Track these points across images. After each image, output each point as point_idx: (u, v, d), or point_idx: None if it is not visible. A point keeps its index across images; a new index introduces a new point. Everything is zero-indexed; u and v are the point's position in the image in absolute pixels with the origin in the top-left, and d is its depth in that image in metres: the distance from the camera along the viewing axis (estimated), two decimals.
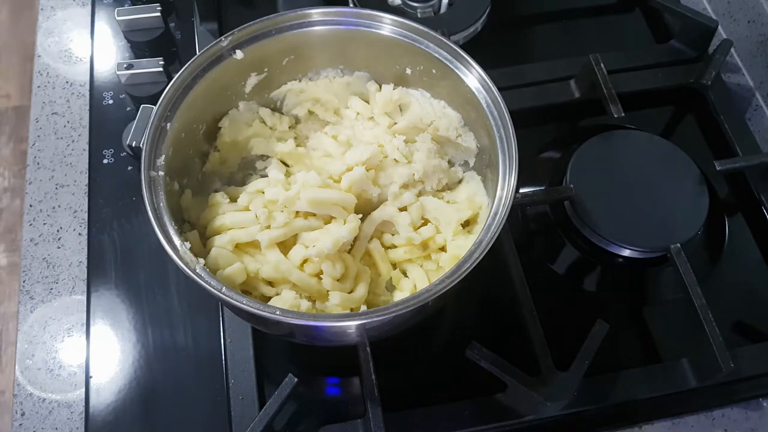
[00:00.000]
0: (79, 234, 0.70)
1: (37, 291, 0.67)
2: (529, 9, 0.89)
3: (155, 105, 0.57)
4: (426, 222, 0.64)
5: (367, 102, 0.68)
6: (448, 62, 0.61)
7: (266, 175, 0.65)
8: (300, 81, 0.67)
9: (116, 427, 0.60)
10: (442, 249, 0.63)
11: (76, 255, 0.68)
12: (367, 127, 0.67)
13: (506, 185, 0.55)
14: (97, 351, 0.64)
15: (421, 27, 0.61)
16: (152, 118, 0.56)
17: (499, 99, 0.58)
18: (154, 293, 0.66)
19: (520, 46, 0.86)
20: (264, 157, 0.67)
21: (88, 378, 0.62)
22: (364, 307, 0.58)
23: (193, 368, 0.63)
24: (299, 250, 0.59)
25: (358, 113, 0.68)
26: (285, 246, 0.60)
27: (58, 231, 0.70)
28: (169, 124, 0.57)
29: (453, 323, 0.67)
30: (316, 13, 0.62)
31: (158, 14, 0.79)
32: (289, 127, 0.68)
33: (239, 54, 0.61)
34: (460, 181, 0.66)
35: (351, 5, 0.85)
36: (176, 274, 0.67)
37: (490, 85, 0.59)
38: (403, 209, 0.63)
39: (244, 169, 0.67)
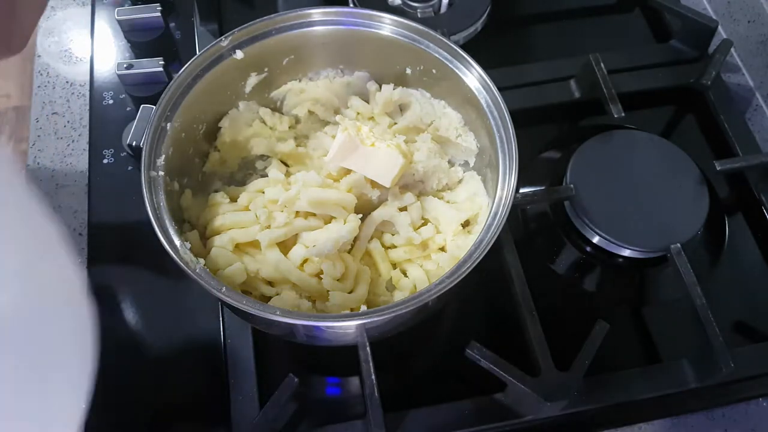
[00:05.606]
0: (79, 234, 0.69)
1: None
2: (529, 9, 0.89)
3: (155, 105, 0.57)
4: (426, 222, 0.64)
5: (367, 102, 0.68)
6: (448, 62, 0.61)
7: (266, 175, 0.65)
8: (300, 81, 0.67)
9: (116, 427, 0.60)
10: (442, 249, 0.63)
11: (76, 255, 0.68)
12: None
13: (506, 185, 0.55)
14: (97, 351, 0.63)
15: (421, 27, 0.61)
16: (152, 118, 0.56)
17: (499, 99, 0.58)
18: (154, 293, 0.66)
19: (520, 46, 0.86)
20: (264, 157, 0.67)
21: None
22: (364, 307, 0.58)
23: (193, 368, 0.63)
24: (299, 250, 0.59)
25: (358, 113, 0.68)
26: (285, 246, 0.60)
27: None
28: (169, 124, 0.57)
29: (453, 323, 0.67)
30: (316, 13, 0.62)
31: (158, 14, 0.79)
32: (289, 127, 0.68)
33: (239, 54, 0.61)
34: (460, 181, 0.66)
35: (351, 5, 0.85)
36: (176, 274, 0.67)
37: (490, 85, 0.59)
38: (403, 209, 0.63)
39: (244, 169, 0.68)
